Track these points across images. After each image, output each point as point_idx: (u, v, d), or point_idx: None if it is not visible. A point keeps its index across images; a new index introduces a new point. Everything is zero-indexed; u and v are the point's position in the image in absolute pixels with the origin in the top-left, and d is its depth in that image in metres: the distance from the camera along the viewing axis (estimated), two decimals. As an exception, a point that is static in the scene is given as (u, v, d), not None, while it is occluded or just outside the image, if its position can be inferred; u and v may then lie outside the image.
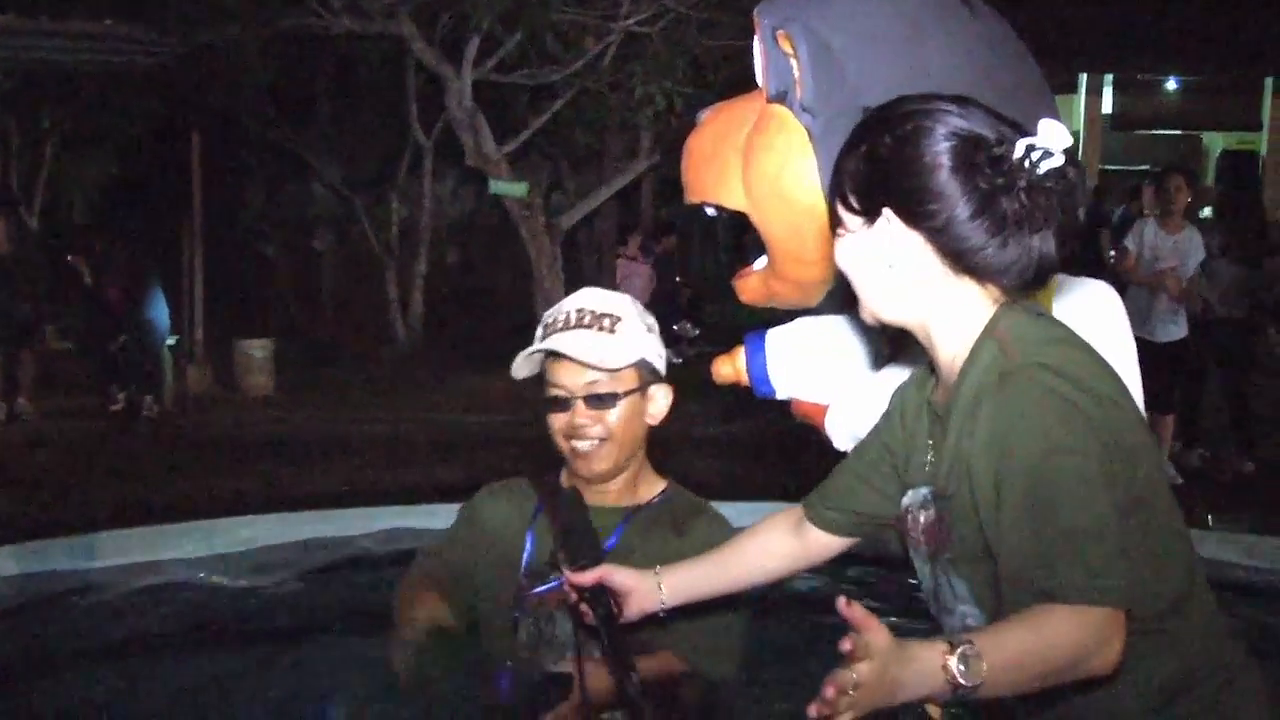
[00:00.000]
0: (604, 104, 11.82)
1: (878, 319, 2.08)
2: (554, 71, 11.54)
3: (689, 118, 11.03)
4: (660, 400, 2.75)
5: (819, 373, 3.06)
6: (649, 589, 2.37)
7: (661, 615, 2.40)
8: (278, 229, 16.42)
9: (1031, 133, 1.93)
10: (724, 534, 2.68)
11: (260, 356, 11.61)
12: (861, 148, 1.99)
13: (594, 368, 2.63)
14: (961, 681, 1.64)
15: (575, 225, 13.04)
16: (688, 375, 10.55)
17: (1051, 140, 1.91)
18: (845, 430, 2.94)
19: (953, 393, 1.98)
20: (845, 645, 1.62)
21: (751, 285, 2.94)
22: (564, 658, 2.62)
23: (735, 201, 2.77)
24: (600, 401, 2.66)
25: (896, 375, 2.84)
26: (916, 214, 1.92)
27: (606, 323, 2.68)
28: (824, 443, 3.14)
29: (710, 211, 2.95)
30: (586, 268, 14.44)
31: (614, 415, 2.67)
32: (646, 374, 2.72)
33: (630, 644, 2.36)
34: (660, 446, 8.74)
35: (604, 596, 2.34)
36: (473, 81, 11.20)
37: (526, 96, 12.54)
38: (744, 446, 9.20)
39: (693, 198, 2.92)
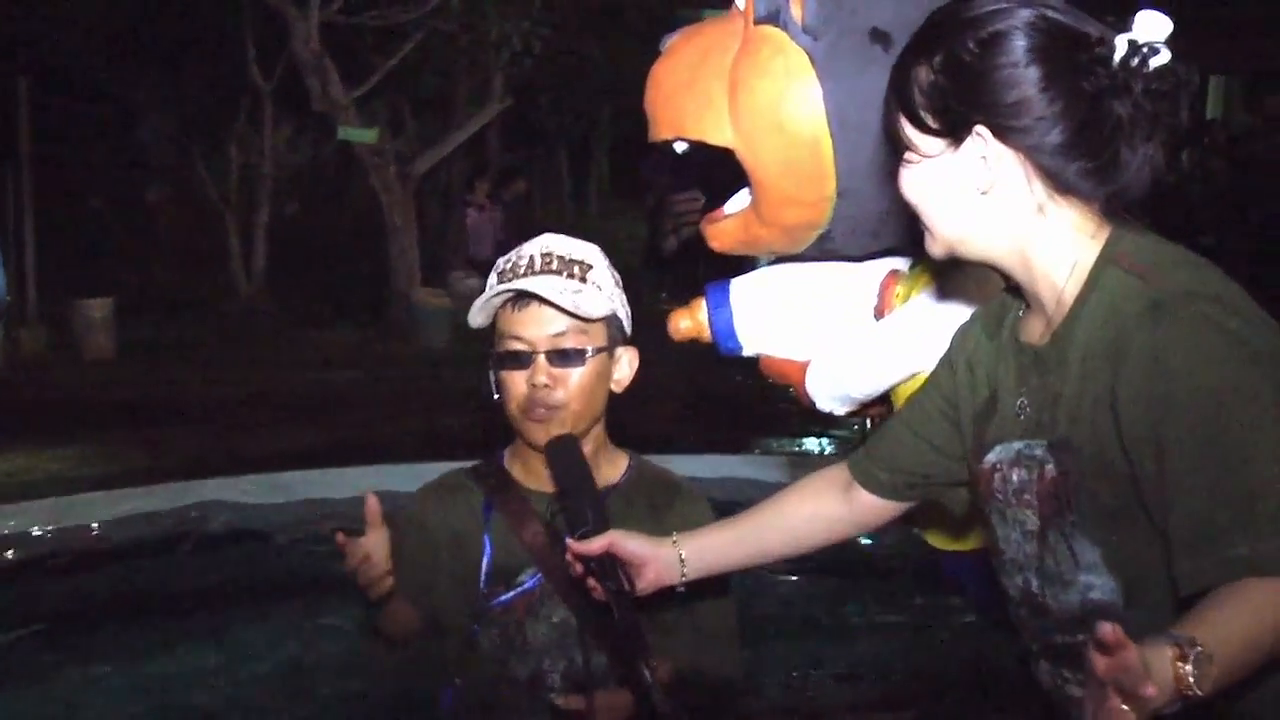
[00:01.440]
0: (455, 46, 11.38)
1: (956, 254, 1.81)
2: (403, 12, 11.06)
3: (544, 58, 10.73)
4: (625, 364, 2.44)
5: (792, 326, 2.79)
6: (667, 559, 2.08)
7: (680, 590, 2.11)
8: (108, 180, 15.56)
9: (1125, 27, 1.68)
10: (705, 516, 2.38)
11: (99, 316, 10.93)
12: (936, 56, 1.71)
13: (571, 314, 2.30)
14: (1195, 690, 1.37)
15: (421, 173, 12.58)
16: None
17: (1154, 32, 1.66)
18: (830, 389, 2.68)
19: (1065, 329, 1.72)
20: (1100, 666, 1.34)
21: (726, 230, 2.64)
22: (539, 667, 2.32)
23: (719, 136, 2.47)
24: (566, 358, 2.33)
25: (884, 327, 2.59)
26: (1015, 129, 1.67)
27: (577, 270, 2.36)
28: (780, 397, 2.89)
29: (680, 148, 2.65)
30: (433, 215, 13.99)
31: (580, 375, 2.33)
32: (614, 332, 2.40)
33: (644, 626, 2.09)
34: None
35: (614, 568, 2.04)
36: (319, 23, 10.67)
37: (371, 39, 12.02)
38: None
39: (663, 133, 2.60)
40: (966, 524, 2.51)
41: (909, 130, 1.75)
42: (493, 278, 2.39)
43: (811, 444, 7.78)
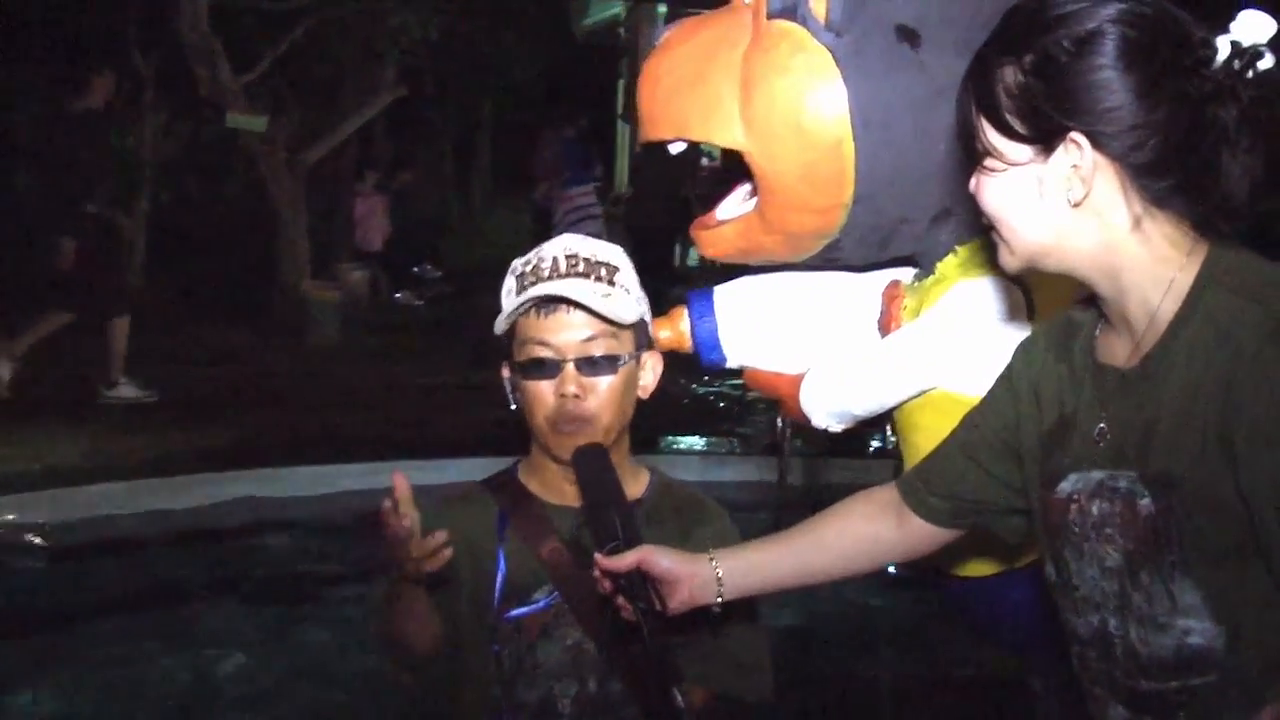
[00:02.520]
0: (348, 34, 11.10)
1: (1035, 267, 1.67)
2: (294, -3, 10.75)
3: (438, 47, 10.50)
4: (650, 370, 2.27)
5: (783, 338, 2.66)
6: (702, 577, 1.92)
7: (715, 611, 1.96)
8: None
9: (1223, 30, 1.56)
10: (734, 535, 2.24)
11: (-29, 308, 10.47)
12: (1026, 55, 1.56)
13: (606, 320, 2.13)
14: None
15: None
16: (433, 321, 10.18)
17: (1258, 33, 1.54)
18: (829, 405, 2.55)
19: (1160, 351, 1.59)
20: None
21: (725, 237, 2.51)
22: (549, 691, 2.16)
23: (728, 137, 2.33)
24: (597, 366, 2.15)
25: (892, 342, 2.48)
26: (1113, 136, 1.53)
27: (604, 272, 2.18)
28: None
29: (675, 149, 2.50)
30: (320, 205, 13.66)
31: (611, 384, 2.17)
32: (642, 337, 2.24)
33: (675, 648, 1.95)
34: (408, 395, 8.31)
35: (645, 586, 1.89)
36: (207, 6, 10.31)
37: (259, 24, 11.67)
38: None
39: (662, 133, 2.45)
40: (981, 549, 2.40)
41: (992, 135, 1.61)
42: (510, 281, 2.21)
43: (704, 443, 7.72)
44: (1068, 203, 1.58)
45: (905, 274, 2.54)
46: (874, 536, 1.98)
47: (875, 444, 7.24)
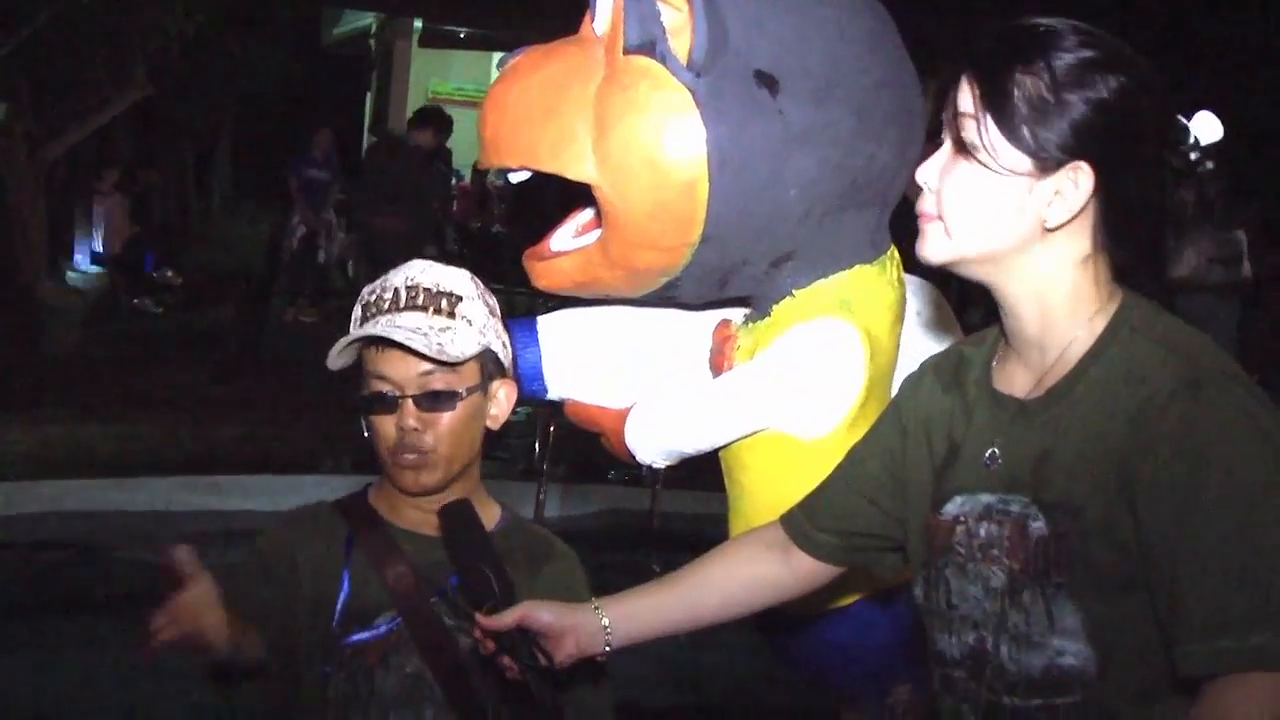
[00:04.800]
0: (93, 27, 10.63)
1: (961, 267, 1.69)
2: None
3: (188, 47, 10.15)
4: (503, 399, 2.22)
5: (608, 372, 2.66)
6: (588, 627, 1.90)
7: (601, 659, 1.94)
8: None
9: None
10: (579, 576, 2.22)
11: None
12: (1056, 73, 1.59)
13: (430, 359, 2.09)
14: None
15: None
16: (173, 329, 9.85)
17: (1209, 134, 1.66)
18: (656, 442, 2.55)
19: (1066, 385, 1.64)
20: None
21: (563, 268, 2.48)
22: (385, 719, 2.10)
23: (579, 171, 2.30)
24: (436, 401, 2.11)
25: (726, 381, 2.50)
26: (1113, 176, 1.60)
27: (444, 303, 2.13)
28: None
29: (517, 178, 2.47)
30: (56, 203, 13.06)
31: (450, 419, 2.13)
32: (490, 367, 2.20)
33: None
34: (148, 407, 8.06)
35: (529, 642, 1.85)
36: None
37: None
38: (246, 406, 8.58)
39: (506, 160, 2.42)
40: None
41: (994, 135, 1.61)
42: (356, 310, 2.16)
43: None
44: (1041, 224, 1.62)
45: (736, 313, 2.57)
46: (761, 576, 1.98)
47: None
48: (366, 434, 2.16)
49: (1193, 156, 1.63)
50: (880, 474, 1.89)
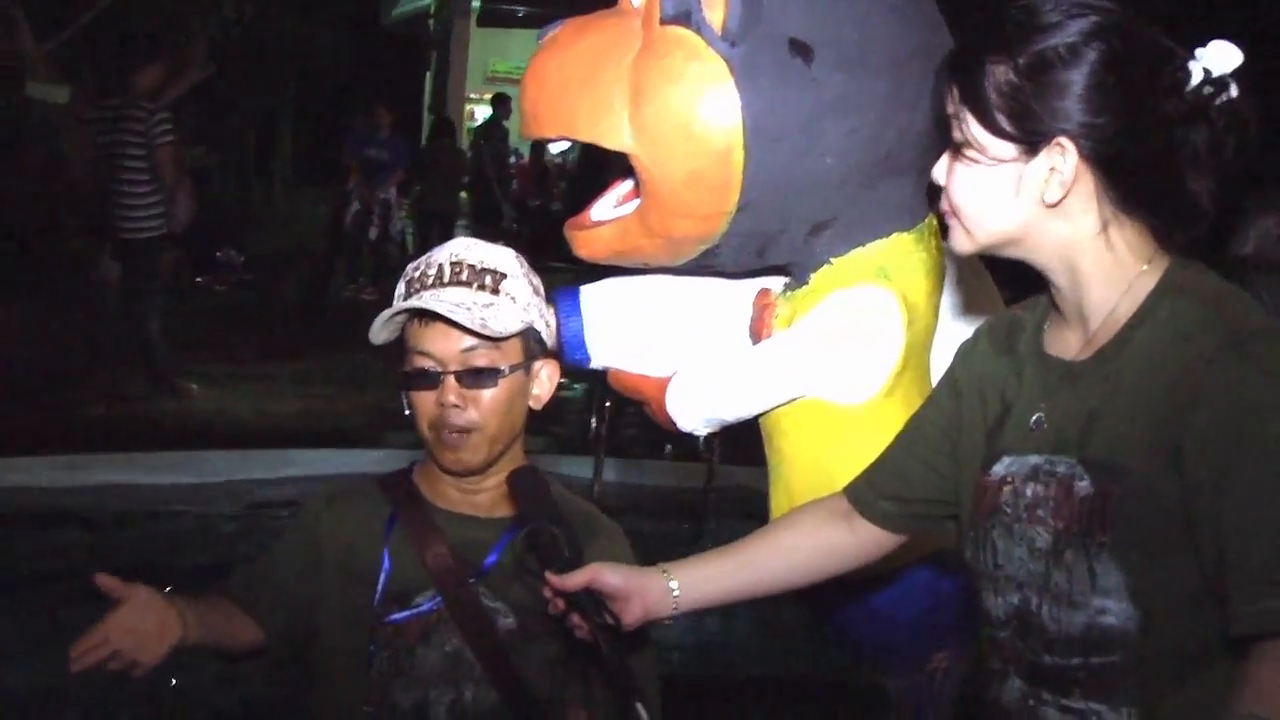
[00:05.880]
0: (154, 8, 10.74)
1: (992, 253, 1.73)
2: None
3: (251, 27, 10.25)
4: (545, 379, 2.24)
5: (650, 341, 2.68)
6: (656, 590, 1.92)
7: (668, 622, 1.97)
8: None
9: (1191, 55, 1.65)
10: (626, 550, 2.24)
11: None
12: (1019, 57, 1.61)
13: (474, 334, 2.11)
14: None
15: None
16: (235, 307, 9.95)
17: (1225, 63, 1.63)
18: (697, 410, 2.58)
19: (1114, 347, 1.66)
20: None
21: (602, 238, 2.51)
22: (425, 697, 2.13)
23: (617, 140, 2.33)
24: (478, 378, 2.13)
25: (766, 349, 2.52)
26: (1098, 145, 1.60)
27: (488, 280, 2.15)
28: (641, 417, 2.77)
29: (557, 148, 2.51)
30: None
31: (492, 395, 2.15)
32: (533, 345, 2.21)
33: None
34: (210, 383, 8.10)
35: (599, 603, 1.88)
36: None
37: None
38: (306, 382, 8.68)
39: (545, 131, 2.45)
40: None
41: (976, 129, 1.65)
42: (400, 286, 2.18)
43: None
44: (1041, 202, 1.63)
45: (775, 282, 2.58)
46: (825, 544, 2.00)
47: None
48: (407, 412, 2.18)
49: (1205, 92, 1.61)
50: (938, 439, 1.91)
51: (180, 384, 8.24)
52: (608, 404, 6.72)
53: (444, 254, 2.18)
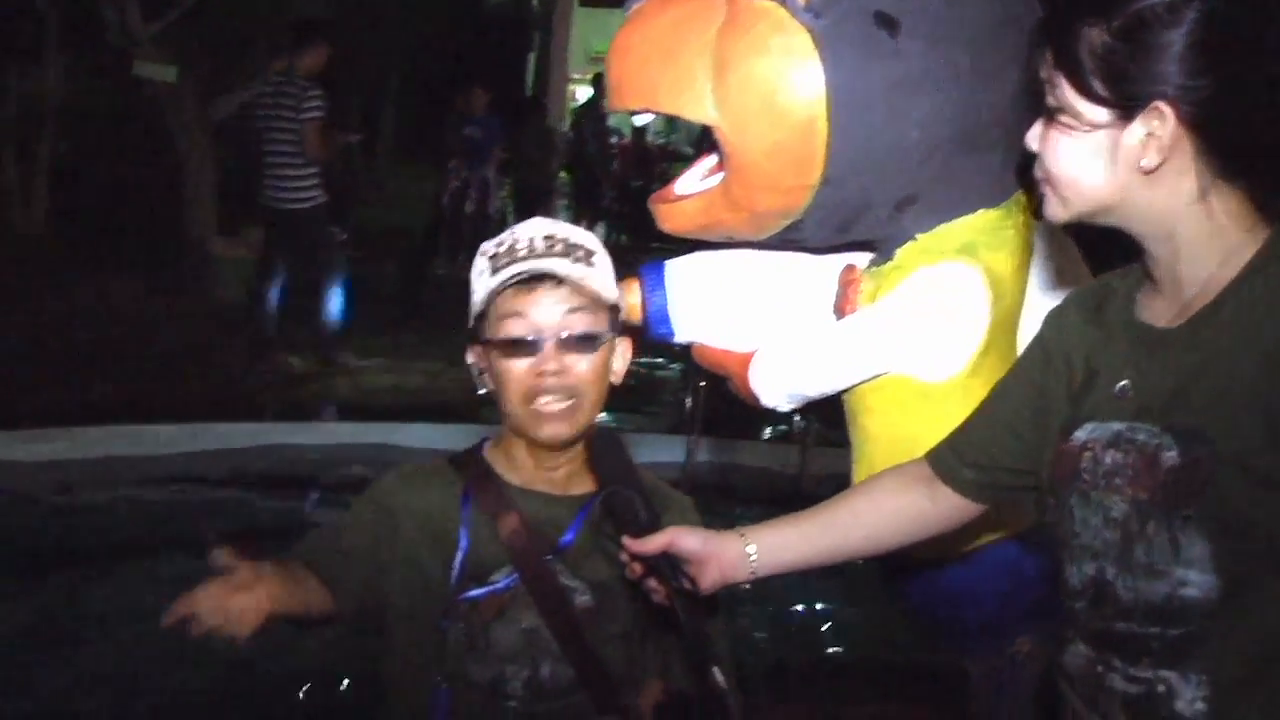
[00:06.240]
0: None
1: (1087, 220, 1.69)
2: (209, -56, 10.52)
3: (354, 8, 10.31)
4: (620, 356, 2.24)
5: (734, 316, 2.67)
6: (734, 555, 1.92)
7: (746, 587, 1.97)
8: None
9: None
10: (698, 523, 2.21)
11: None
12: (1114, 19, 1.57)
13: (589, 297, 2.12)
14: None
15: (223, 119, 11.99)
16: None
17: None
18: (780, 385, 2.57)
19: (1209, 315, 1.62)
20: None
21: (686, 211, 2.51)
22: (500, 673, 2.14)
23: (699, 113, 2.33)
24: (579, 344, 2.12)
25: (850, 325, 2.50)
26: (1195, 108, 1.55)
27: (581, 253, 2.15)
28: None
29: (642, 120, 2.51)
30: (227, 160, 13.41)
31: (591, 362, 2.14)
32: (615, 322, 2.21)
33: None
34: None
35: (676, 567, 1.88)
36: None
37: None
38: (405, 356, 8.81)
39: (630, 103, 2.45)
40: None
41: (1070, 95, 1.61)
42: (481, 262, 2.16)
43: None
44: (1138, 168, 1.60)
45: (861, 258, 2.56)
46: (906, 511, 1.98)
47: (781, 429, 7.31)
48: (483, 390, 2.18)
49: None
50: (1023, 407, 1.87)
51: (339, 356, 8.50)
52: (703, 384, 6.71)
53: (529, 230, 2.16)
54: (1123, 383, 1.68)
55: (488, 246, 2.18)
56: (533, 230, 2.16)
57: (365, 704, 2.29)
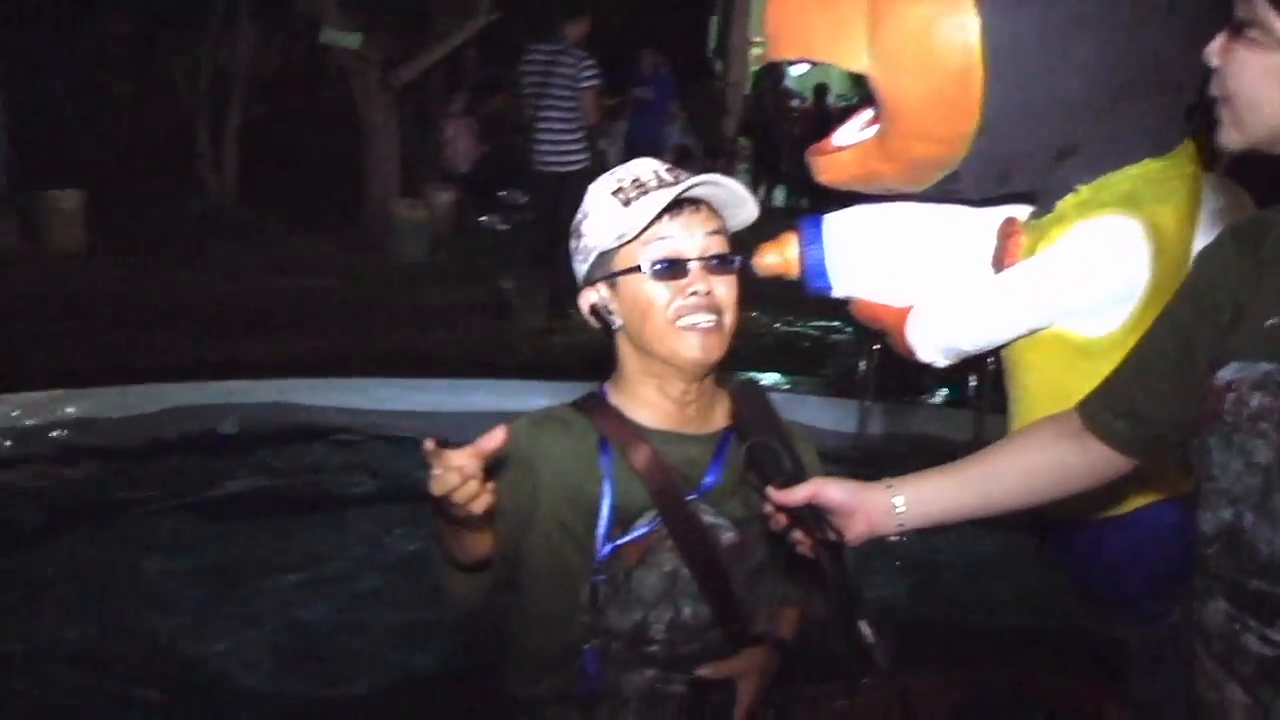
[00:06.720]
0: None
1: (1263, 149, 1.59)
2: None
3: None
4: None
5: (892, 269, 2.63)
6: (881, 506, 1.87)
7: (897, 539, 1.93)
8: (71, 71, 15.00)
9: None
10: (817, 466, 2.18)
11: (68, 209, 10.54)
12: None
13: (722, 219, 2.14)
14: None
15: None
16: (514, 246, 10.13)
17: None
18: (937, 340, 2.52)
19: None
20: None
21: (842, 163, 2.48)
22: (644, 618, 2.14)
23: (854, 61, 2.30)
24: (722, 265, 2.13)
25: (1009, 278, 2.44)
26: None
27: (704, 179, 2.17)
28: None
29: (797, 70, 2.48)
30: (410, 126, 13.66)
31: (732, 283, 2.15)
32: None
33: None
34: (484, 313, 8.30)
35: (822, 518, 1.85)
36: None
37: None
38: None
39: (784, 52, 2.43)
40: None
41: (1263, 6, 1.51)
42: (606, 199, 2.15)
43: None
44: None
45: (1021, 211, 2.50)
46: (1056, 464, 1.91)
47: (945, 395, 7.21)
48: (618, 324, 2.17)
49: None
50: (1173, 353, 1.79)
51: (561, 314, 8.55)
52: (876, 347, 6.64)
53: (644, 166, 2.17)
54: (1273, 320, 1.59)
55: (608, 183, 2.17)
56: (648, 166, 2.17)
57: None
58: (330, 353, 7.67)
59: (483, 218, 13.59)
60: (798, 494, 1.85)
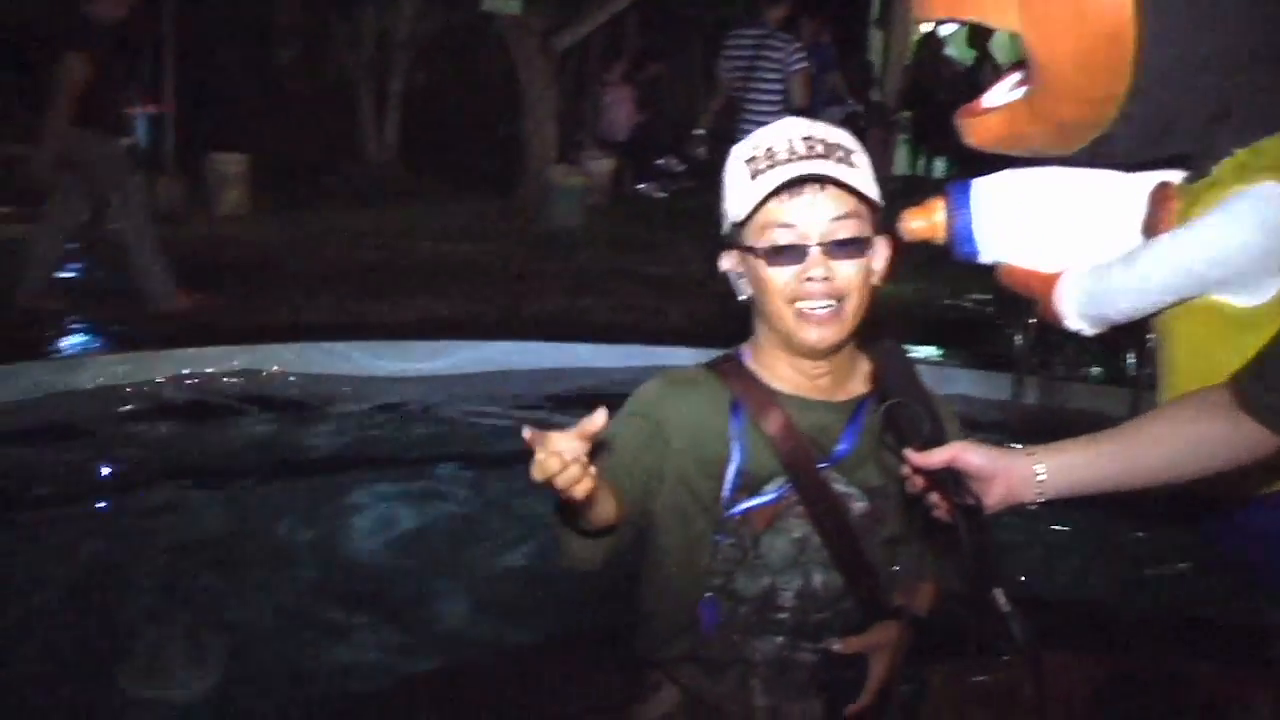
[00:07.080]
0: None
1: None
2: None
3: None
4: (881, 255, 2.17)
5: (1040, 235, 2.57)
6: (1021, 474, 1.84)
7: (1034, 508, 1.88)
8: (235, 37, 15.37)
9: None
10: (960, 431, 2.14)
11: (234, 172, 10.85)
12: None
13: (859, 199, 2.08)
14: None
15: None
16: (672, 214, 10.16)
17: None
18: (1085, 307, 2.46)
19: None
20: None
21: (990, 125, 2.43)
22: (771, 584, 2.13)
23: (1002, 19, 2.25)
24: (845, 248, 2.06)
25: (1160, 245, 2.37)
26: None
27: (842, 153, 2.09)
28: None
29: (947, 30, 2.44)
30: (568, 93, 13.74)
31: (858, 267, 2.09)
32: (878, 222, 2.15)
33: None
34: (639, 282, 8.40)
35: (960, 482, 1.83)
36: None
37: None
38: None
39: (935, 12, 2.39)
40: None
41: None
42: (739, 167, 2.11)
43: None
44: None
45: (1175, 176, 2.43)
46: (1205, 439, 1.87)
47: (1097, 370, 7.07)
48: (743, 295, 2.14)
49: None
50: None
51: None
52: (1032, 320, 6.52)
53: (786, 131, 2.11)
54: None
55: (743, 150, 2.12)
56: (790, 131, 2.10)
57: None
58: (485, 316, 7.77)
59: (640, 185, 13.64)
60: (937, 456, 1.83)
